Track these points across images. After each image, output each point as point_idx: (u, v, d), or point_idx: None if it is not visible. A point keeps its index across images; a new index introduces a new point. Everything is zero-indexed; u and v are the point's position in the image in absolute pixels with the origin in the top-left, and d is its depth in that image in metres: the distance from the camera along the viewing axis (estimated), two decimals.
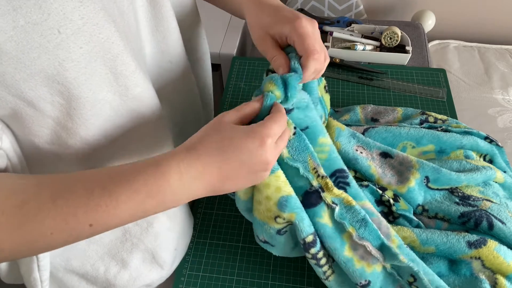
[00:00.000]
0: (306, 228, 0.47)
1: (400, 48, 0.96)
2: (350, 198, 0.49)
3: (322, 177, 0.48)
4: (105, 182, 0.35)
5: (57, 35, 0.32)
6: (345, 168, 0.53)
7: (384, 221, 0.51)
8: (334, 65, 0.91)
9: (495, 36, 1.51)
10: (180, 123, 0.60)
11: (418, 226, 0.58)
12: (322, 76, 0.58)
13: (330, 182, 0.48)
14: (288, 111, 0.48)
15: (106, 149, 0.43)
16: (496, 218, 0.54)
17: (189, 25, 0.60)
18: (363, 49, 0.95)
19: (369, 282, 0.49)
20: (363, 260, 0.49)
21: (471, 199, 0.58)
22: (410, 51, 0.95)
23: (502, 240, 0.54)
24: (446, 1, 1.45)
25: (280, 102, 0.45)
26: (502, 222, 0.54)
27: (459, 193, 0.59)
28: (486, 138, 0.66)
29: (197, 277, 0.59)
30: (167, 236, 0.56)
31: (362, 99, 0.83)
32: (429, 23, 1.35)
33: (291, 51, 0.47)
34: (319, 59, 0.44)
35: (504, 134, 1.17)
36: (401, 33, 0.96)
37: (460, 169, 0.61)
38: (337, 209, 0.48)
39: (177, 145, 0.55)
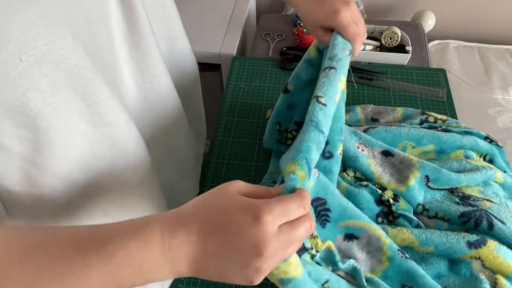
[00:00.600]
0: None
1: (400, 48, 0.97)
2: (330, 243, 0.49)
3: (314, 237, 0.47)
4: (80, 242, 0.31)
5: (19, 63, 0.29)
6: (320, 196, 0.53)
7: (365, 239, 0.54)
8: None
9: (495, 36, 1.51)
10: (165, 144, 0.57)
11: (418, 226, 0.58)
12: None
13: (319, 242, 0.47)
14: None
15: (84, 184, 0.40)
16: (496, 218, 0.54)
17: (170, 41, 0.57)
18: (363, 49, 0.95)
19: None
20: (344, 278, 0.51)
21: (471, 199, 0.58)
22: (410, 51, 0.95)
23: (502, 240, 0.54)
24: (446, 1, 1.45)
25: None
26: (502, 222, 0.54)
27: (459, 193, 0.59)
28: (486, 138, 0.66)
29: (197, 277, 0.59)
30: None
31: (362, 99, 0.83)
32: (429, 23, 1.35)
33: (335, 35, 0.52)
34: (362, 38, 0.52)
35: (504, 134, 1.17)
36: (401, 33, 0.96)
37: (460, 169, 0.61)
38: (317, 255, 0.48)
39: (163, 170, 0.53)
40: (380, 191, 0.58)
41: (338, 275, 0.50)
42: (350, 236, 0.55)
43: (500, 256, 0.51)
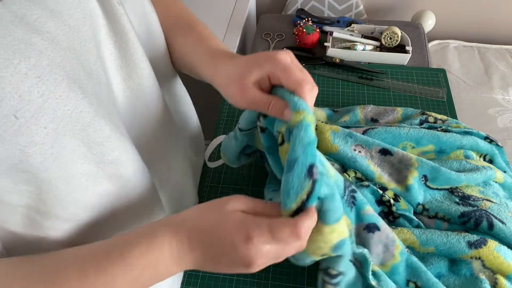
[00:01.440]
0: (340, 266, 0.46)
1: (400, 48, 0.97)
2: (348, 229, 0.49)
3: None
4: (99, 260, 0.34)
5: (14, 121, 0.28)
6: (348, 179, 0.53)
7: (386, 232, 0.52)
8: (334, 65, 0.91)
9: (495, 36, 1.51)
10: (164, 168, 0.56)
11: (418, 226, 0.58)
12: (323, 76, 0.56)
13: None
14: None
15: (89, 221, 0.40)
16: (496, 218, 0.54)
17: (164, 67, 0.55)
18: (363, 49, 0.95)
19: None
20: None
21: (471, 199, 0.58)
22: (410, 51, 0.95)
23: (502, 240, 0.54)
24: (446, 1, 1.45)
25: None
26: (502, 222, 0.54)
27: (459, 193, 0.59)
28: (486, 138, 0.66)
29: (197, 277, 0.59)
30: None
31: (362, 99, 0.83)
32: (429, 23, 1.35)
33: (276, 92, 0.42)
34: (310, 85, 0.40)
35: (504, 134, 1.17)
36: (401, 33, 0.96)
37: (460, 169, 0.61)
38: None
39: (164, 196, 0.53)
40: (381, 191, 0.58)
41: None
42: (372, 228, 0.52)
43: (500, 256, 0.51)
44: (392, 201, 0.58)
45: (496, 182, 0.62)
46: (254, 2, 1.48)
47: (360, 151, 0.63)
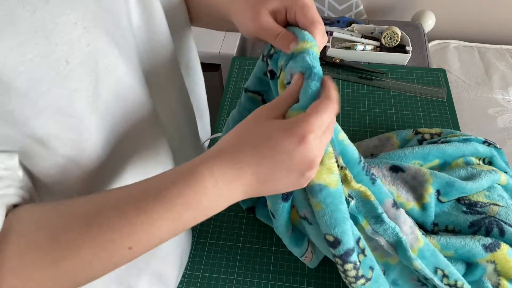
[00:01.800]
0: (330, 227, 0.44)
1: (400, 48, 0.97)
2: (368, 192, 0.47)
3: (342, 167, 0.45)
4: (137, 200, 0.33)
5: (65, 65, 0.31)
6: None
7: (409, 219, 0.50)
8: (334, 65, 0.91)
9: (495, 36, 1.51)
10: (176, 139, 0.58)
11: None
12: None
13: (349, 174, 0.46)
14: None
15: (109, 178, 0.42)
16: (506, 223, 0.54)
17: (181, 38, 0.59)
18: (363, 49, 0.95)
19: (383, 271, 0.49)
20: (376, 251, 0.48)
21: (478, 205, 0.57)
22: (410, 51, 0.95)
23: None
24: (446, 1, 1.45)
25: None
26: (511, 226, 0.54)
27: (466, 201, 0.59)
28: (484, 142, 0.66)
29: (197, 277, 0.59)
30: (172, 256, 0.55)
31: (362, 99, 0.83)
32: (429, 23, 1.35)
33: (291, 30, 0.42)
34: (323, 30, 0.40)
35: (504, 134, 1.17)
36: (401, 33, 0.96)
37: (468, 176, 0.60)
38: (352, 202, 0.46)
39: (175, 157, 0.54)
40: None
41: (377, 243, 0.47)
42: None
43: (511, 260, 0.51)
44: None
45: (499, 184, 0.62)
46: None
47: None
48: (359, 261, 0.45)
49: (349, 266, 0.44)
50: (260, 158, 0.34)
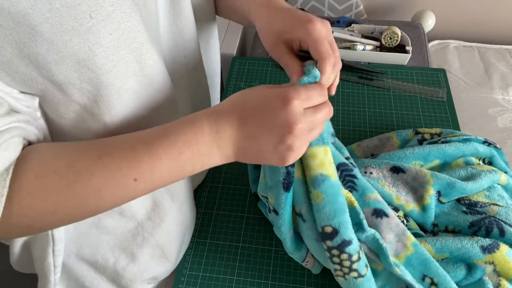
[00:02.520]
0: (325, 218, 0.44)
1: (400, 48, 0.96)
2: (353, 199, 0.49)
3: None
4: (146, 138, 0.38)
5: (89, 19, 0.33)
6: (346, 161, 0.53)
7: (395, 220, 0.51)
8: None
9: (495, 36, 1.51)
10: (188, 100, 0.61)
11: None
12: None
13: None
14: None
15: (125, 128, 0.44)
16: (506, 223, 0.54)
17: (205, 22, 0.61)
18: (363, 49, 0.95)
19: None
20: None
21: (478, 205, 0.57)
22: (410, 51, 0.95)
23: None
24: (446, 1, 1.45)
25: None
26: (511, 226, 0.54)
27: (466, 201, 0.58)
28: (484, 142, 0.66)
29: (197, 277, 0.59)
30: (176, 231, 0.56)
31: (362, 99, 0.83)
32: (429, 23, 1.35)
33: (306, 57, 0.46)
34: (335, 63, 0.44)
35: (504, 134, 1.17)
36: (401, 33, 0.96)
37: (468, 176, 0.60)
38: None
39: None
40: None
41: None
42: (379, 213, 0.51)
43: (511, 261, 0.51)
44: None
45: (499, 184, 0.62)
46: None
47: (371, 172, 0.61)
48: (359, 257, 0.46)
49: (345, 256, 0.45)
50: (250, 113, 0.38)
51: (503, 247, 0.51)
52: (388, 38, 0.97)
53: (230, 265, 0.60)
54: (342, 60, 0.91)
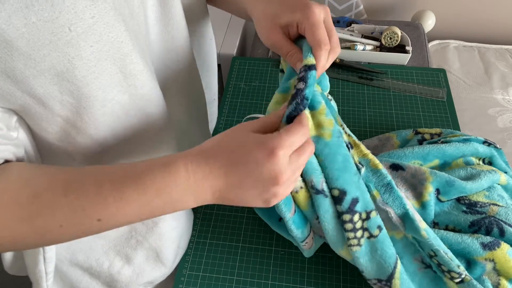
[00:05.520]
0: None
1: (400, 48, 0.96)
2: (377, 161, 0.48)
3: (349, 135, 0.46)
4: (115, 178, 0.36)
5: (68, 32, 0.32)
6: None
7: (409, 202, 0.51)
8: (334, 65, 0.91)
9: (495, 36, 1.51)
10: (184, 122, 0.60)
11: None
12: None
13: (357, 140, 0.46)
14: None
15: (114, 148, 0.43)
16: (506, 223, 0.54)
17: (197, 23, 0.61)
18: (363, 49, 0.95)
19: None
20: (383, 223, 0.48)
21: (478, 205, 0.57)
22: (410, 51, 0.95)
23: None
24: (446, 1, 1.45)
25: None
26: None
27: (466, 201, 0.58)
28: (484, 142, 0.66)
29: (197, 277, 0.59)
30: (171, 235, 0.56)
31: (362, 99, 0.83)
32: (429, 23, 1.35)
33: (301, 43, 0.44)
34: (332, 49, 0.42)
35: (504, 134, 1.17)
36: (401, 33, 0.96)
37: (468, 176, 0.59)
38: (363, 170, 0.46)
39: (180, 144, 0.55)
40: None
41: (386, 215, 0.47)
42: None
43: (511, 260, 0.51)
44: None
45: (499, 184, 0.62)
46: None
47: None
48: (368, 216, 0.46)
49: (356, 217, 0.46)
50: (232, 163, 0.36)
51: (504, 246, 0.51)
52: (388, 38, 0.97)
53: (230, 265, 0.60)
54: (342, 60, 0.91)
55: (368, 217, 0.46)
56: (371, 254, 0.48)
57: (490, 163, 0.65)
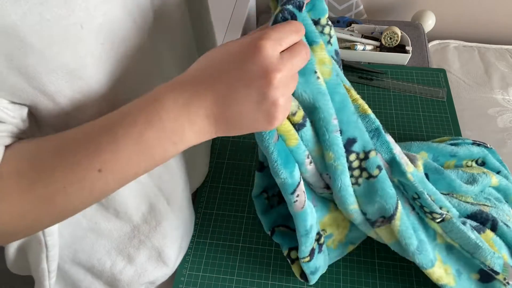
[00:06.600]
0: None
1: (400, 48, 0.97)
2: (366, 106, 0.48)
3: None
4: (103, 123, 0.34)
5: (80, 30, 0.32)
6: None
7: (398, 147, 0.51)
8: None
9: (495, 36, 1.51)
10: None
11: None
12: None
13: (347, 85, 0.46)
14: None
15: None
16: (500, 220, 0.54)
17: (200, 24, 0.61)
18: (363, 49, 0.95)
19: None
20: None
21: (469, 203, 0.58)
22: (410, 51, 0.95)
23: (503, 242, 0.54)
24: (446, 1, 1.45)
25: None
26: (507, 226, 0.54)
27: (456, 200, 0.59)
28: (473, 143, 0.66)
29: (197, 277, 0.59)
30: (173, 235, 0.56)
31: (362, 99, 0.83)
32: (429, 23, 1.35)
33: None
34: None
35: (504, 134, 1.17)
36: (401, 33, 0.96)
37: (458, 179, 0.60)
38: None
39: None
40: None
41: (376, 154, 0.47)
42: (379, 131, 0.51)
43: (495, 246, 0.52)
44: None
45: (491, 186, 0.62)
46: (254, 2, 1.48)
47: None
48: (366, 156, 0.46)
49: (353, 156, 0.46)
50: (217, 72, 0.33)
51: (489, 232, 0.52)
52: (388, 38, 0.97)
53: (230, 265, 0.60)
54: (342, 60, 0.91)
55: (366, 157, 0.46)
56: (370, 195, 0.47)
57: (484, 163, 0.65)
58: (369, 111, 0.48)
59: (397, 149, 0.50)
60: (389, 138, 0.50)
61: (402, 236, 0.49)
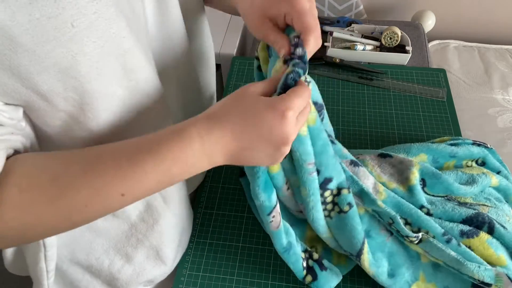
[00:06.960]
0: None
1: (400, 48, 0.96)
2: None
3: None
4: (132, 152, 0.37)
5: (71, 28, 0.32)
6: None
7: (372, 178, 0.56)
8: (334, 65, 0.91)
9: (495, 36, 1.51)
10: (181, 118, 0.60)
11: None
12: (323, 76, 0.57)
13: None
14: None
15: (112, 141, 0.43)
16: (497, 222, 0.54)
17: (194, 24, 0.61)
18: (363, 49, 0.95)
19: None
20: None
21: (467, 205, 0.58)
22: (410, 51, 0.95)
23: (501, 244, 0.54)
24: (446, 1, 1.45)
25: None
26: (504, 227, 0.54)
27: (455, 201, 0.59)
28: (473, 143, 0.66)
29: (197, 277, 0.59)
30: (171, 233, 0.56)
31: (362, 99, 0.83)
32: (429, 23, 1.35)
33: (290, 32, 0.44)
34: (318, 37, 0.43)
35: (504, 134, 1.17)
36: (401, 33, 0.96)
37: (457, 181, 0.60)
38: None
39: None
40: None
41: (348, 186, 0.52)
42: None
43: (490, 248, 0.52)
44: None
45: (491, 186, 0.62)
46: None
47: (358, 156, 0.63)
48: (339, 192, 0.51)
49: (327, 193, 0.51)
50: (244, 126, 0.38)
51: (484, 235, 0.53)
52: (388, 38, 0.97)
53: (230, 265, 0.60)
54: (342, 60, 0.91)
55: (339, 193, 0.52)
56: (341, 228, 0.52)
57: (484, 163, 0.65)
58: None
59: (369, 181, 0.56)
60: (359, 170, 0.56)
61: (371, 269, 0.53)
